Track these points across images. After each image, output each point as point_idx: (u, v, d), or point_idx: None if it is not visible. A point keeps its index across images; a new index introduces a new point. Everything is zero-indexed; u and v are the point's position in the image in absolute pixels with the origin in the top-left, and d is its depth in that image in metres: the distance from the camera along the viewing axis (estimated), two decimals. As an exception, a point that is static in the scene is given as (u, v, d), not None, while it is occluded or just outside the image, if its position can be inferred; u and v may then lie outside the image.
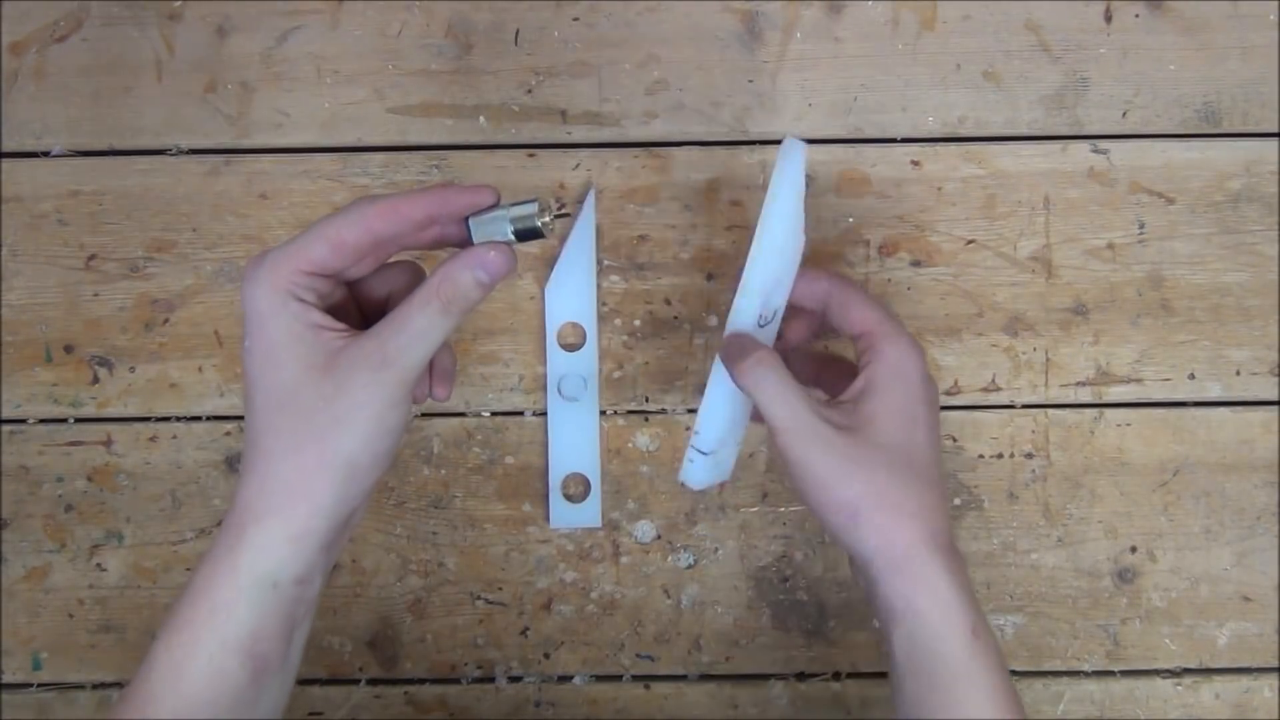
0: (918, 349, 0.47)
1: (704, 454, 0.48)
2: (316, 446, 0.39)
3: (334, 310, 0.42)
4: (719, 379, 0.48)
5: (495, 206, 0.42)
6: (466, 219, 0.42)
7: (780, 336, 0.50)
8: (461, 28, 0.58)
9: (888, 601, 0.43)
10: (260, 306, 0.40)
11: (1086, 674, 0.58)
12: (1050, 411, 0.58)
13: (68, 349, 0.58)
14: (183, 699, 0.39)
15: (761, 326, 0.48)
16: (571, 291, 0.58)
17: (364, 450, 0.40)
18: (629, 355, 0.58)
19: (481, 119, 0.58)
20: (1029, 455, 0.58)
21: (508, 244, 0.42)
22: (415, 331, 0.40)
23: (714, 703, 0.58)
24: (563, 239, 0.58)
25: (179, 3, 0.58)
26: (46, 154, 0.58)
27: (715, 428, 0.49)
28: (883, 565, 0.43)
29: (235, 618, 0.39)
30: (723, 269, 0.58)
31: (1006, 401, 0.58)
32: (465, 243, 0.42)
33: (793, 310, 0.50)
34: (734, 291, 0.47)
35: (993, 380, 0.58)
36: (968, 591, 0.44)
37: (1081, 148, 0.58)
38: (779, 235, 0.47)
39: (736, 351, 0.46)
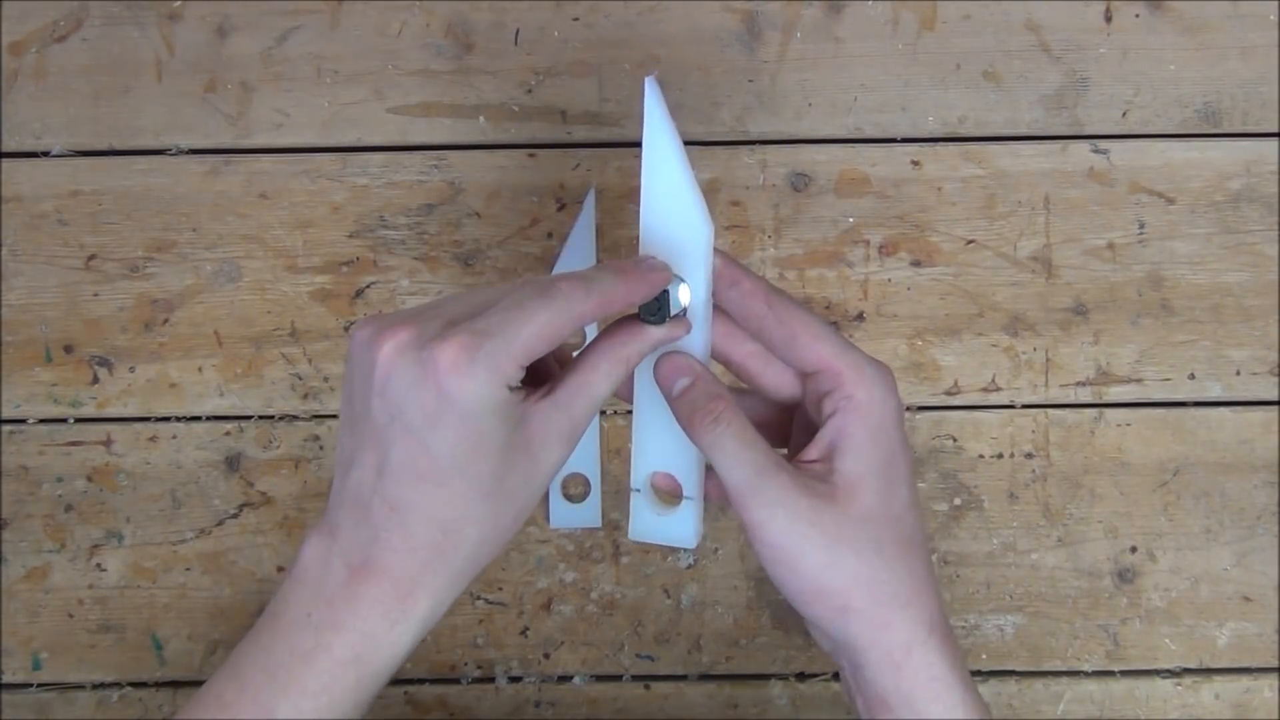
0: (889, 381, 0.40)
1: (635, 491, 0.41)
2: (512, 521, 0.38)
3: None
4: (642, 393, 0.41)
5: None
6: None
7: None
8: (461, 28, 0.58)
9: (879, 696, 0.39)
10: (480, 405, 0.35)
11: (1086, 674, 0.58)
12: (1050, 411, 0.58)
13: (68, 349, 0.58)
14: None
15: (658, 321, 0.39)
16: (571, 291, 0.57)
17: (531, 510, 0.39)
18: (629, 355, 0.58)
19: (481, 119, 0.58)
20: (1029, 455, 0.58)
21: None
22: (599, 400, 0.39)
23: (714, 703, 0.58)
24: (563, 239, 0.58)
25: (179, 3, 0.58)
26: (46, 154, 0.58)
27: (643, 456, 0.41)
28: (876, 660, 0.38)
29: (380, 680, 0.37)
30: (723, 269, 0.58)
31: (1006, 401, 0.58)
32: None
33: (725, 327, 0.41)
34: None
35: (993, 380, 0.58)
36: (970, 685, 0.39)
37: (1081, 148, 0.58)
38: (662, 194, 0.39)
39: (687, 405, 0.39)
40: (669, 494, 0.41)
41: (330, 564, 0.37)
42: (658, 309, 0.38)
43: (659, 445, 0.41)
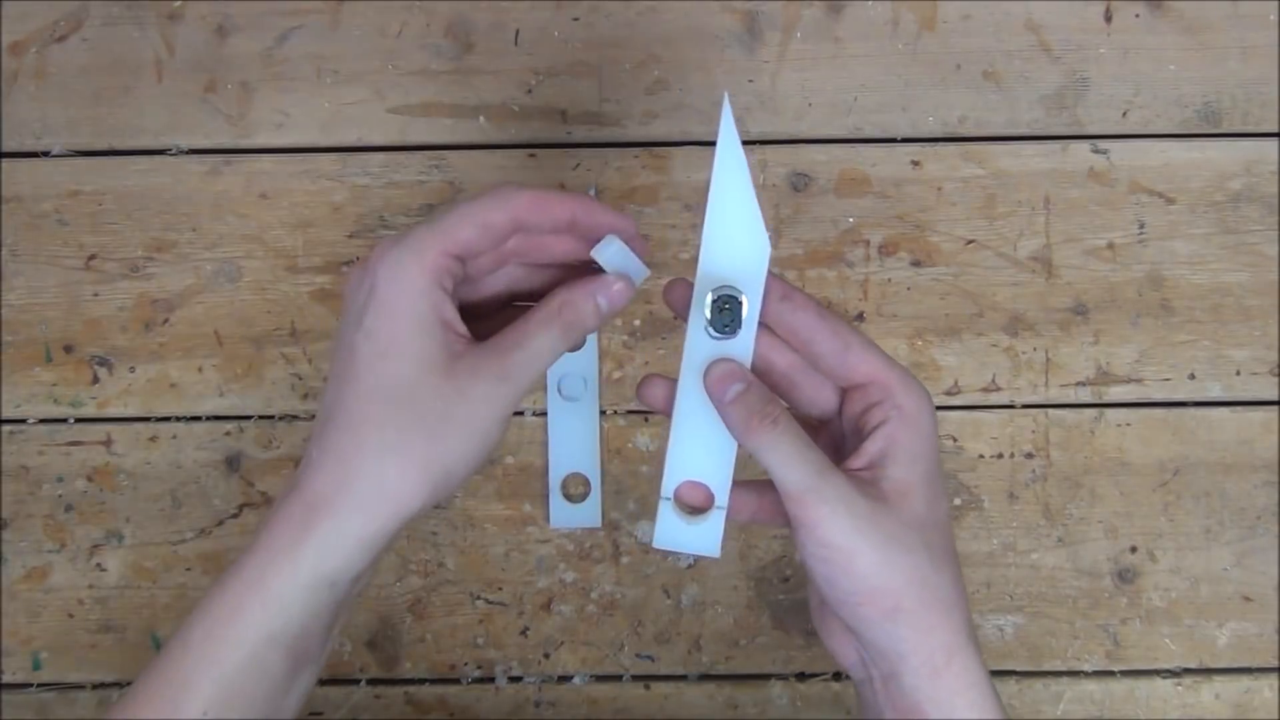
0: (930, 399, 0.41)
1: (664, 499, 0.41)
2: (423, 449, 0.37)
3: None
4: (683, 402, 0.41)
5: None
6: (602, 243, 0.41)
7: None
8: (461, 28, 0.58)
9: (916, 705, 0.39)
10: (398, 289, 0.37)
11: (1086, 674, 0.58)
12: (1050, 411, 0.58)
13: (68, 349, 0.58)
14: (219, 688, 0.37)
15: (717, 337, 0.40)
16: (571, 291, 0.57)
17: (463, 460, 0.38)
18: (629, 355, 0.58)
19: (481, 119, 0.58)
20: (1029, 455, 0.58)
21: (630, 280, 0.41)
22: (534, 351, 0.39)
23: (714, 703, 0.58)
24: (563, 239, 0.58)
25: (179, 3, 0.58)
26: (46, 154, 0.58)
27: (677, 465, 0.41)
28: (918, 666, 0.38)
29: (286, 615, 0.37)
30: (723, 269, 0.58)
31: (1006, 401, 0.58)
32: (586, 265, 0.41)
33: (767, 339, 0.41)
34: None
35: (993, 380, 0.58)
36: (998, 695, 0.40)
37: (1081, 148, 0.58)
38: (727, 210, 0.40)
39: (742, 409, 0.39)
40: (695, 505, 0.42)
41: (275, 504, 0.39)
42: (729, 321, 0.40)
43: (694, 455, 0.41)
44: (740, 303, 0.40)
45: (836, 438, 0.43)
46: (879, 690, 0.40)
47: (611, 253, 0.41)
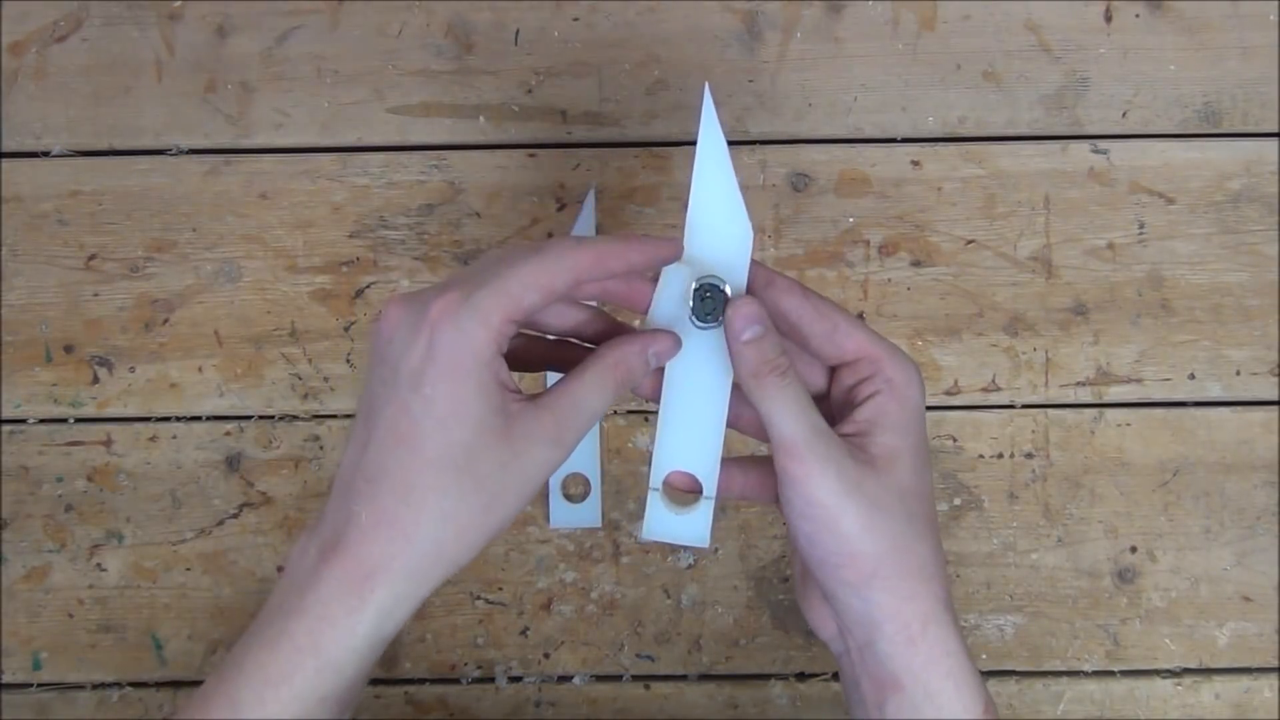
0: (919, 373, 0.41)
1: (653, 490, 0.42)
2: (481, 514, 0.37)
3: None
4: (670, 392, 0.41)
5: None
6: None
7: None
8: (461, 28, 0.58)
9: (891, 675, 0.39)
10: (462, 358, 0.36)
11: (1086, 674, 0.58)
12: (1050, 411, 0.58)
13: (68, 349, 0.58)
14: None
15: (701, 327, 0.41)
16: (571, 291, 0.57)
17: (510, 518, 0.38)
18: (629, 355, 0.58)
19: (481, 119, 0.58)
20: (1029, 455, 0.58)
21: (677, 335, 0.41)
22: (589, 410, 0.39)
23: (714, 703, 0.58)
24: (563, 239, 0.58)
25: (179, 3, 0.58)
26: (46, 154, 0.58)
27: (665, 454, 0.42)
28: (893, 634, 0.39)
29: (340, 677, 0.37)
30: (723, 269, 0.58)
31: (1006, 401, 0.58)
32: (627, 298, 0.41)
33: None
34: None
35: (993, 380, 0.58)
36: (976, 667, 0.40)
37: (1081, 148, 0.58)
38: (710, 199, 0.41)
39: (756, 355, 0.39)
40: (684, 493, 0.42)
41: (307, 551, 0.38)
42: (711, 310, 0.40)
43: (682, 444, 0.41)
44: (723, 292, 0.40)
45: (827, 416, 0.43)
46: (855, 661, 0.40)
47: (670, 295, 0.41)
